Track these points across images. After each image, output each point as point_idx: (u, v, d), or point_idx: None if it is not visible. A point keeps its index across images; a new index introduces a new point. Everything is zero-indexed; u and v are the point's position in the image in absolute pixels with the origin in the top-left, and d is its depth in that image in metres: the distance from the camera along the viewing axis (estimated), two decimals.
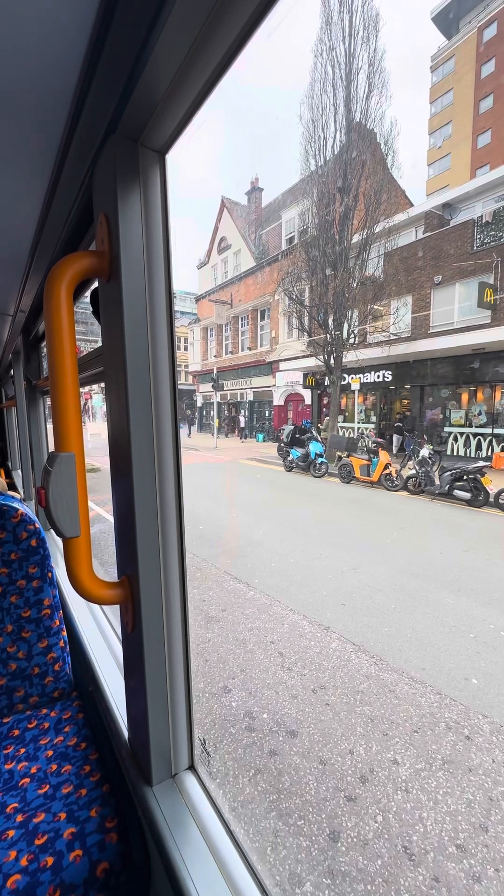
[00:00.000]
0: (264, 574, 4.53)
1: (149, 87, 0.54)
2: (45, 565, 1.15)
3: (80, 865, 0.76)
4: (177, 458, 0.77)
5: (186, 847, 0.69)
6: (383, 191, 12.58)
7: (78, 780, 0.92)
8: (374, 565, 4.80)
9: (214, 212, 24.91)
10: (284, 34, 68.14)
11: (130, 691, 0.86)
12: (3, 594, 1.11)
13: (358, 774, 2.04)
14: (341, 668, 2.90)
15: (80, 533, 0.67)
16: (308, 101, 12.94)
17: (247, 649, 3.10)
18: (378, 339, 14.14)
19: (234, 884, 0.64)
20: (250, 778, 2.01)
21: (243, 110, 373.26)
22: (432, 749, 2.21)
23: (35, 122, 0.67)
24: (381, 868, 1.62)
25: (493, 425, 12.54)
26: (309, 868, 1.63)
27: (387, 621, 3.54)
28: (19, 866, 0.74)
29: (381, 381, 15.12)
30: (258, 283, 21.08)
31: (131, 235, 0.67)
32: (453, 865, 1.64)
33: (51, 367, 0.66)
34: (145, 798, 0.78)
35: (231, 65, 0.52)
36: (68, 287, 0.66)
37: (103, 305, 0.76)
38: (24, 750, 1.01)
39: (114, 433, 0.76)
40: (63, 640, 1.19)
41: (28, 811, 0.85)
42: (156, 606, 0.76)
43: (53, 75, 0.58)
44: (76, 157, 0.74)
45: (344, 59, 12.37)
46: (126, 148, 0.64)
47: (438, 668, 2.90)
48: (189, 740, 0.84)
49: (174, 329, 0.74)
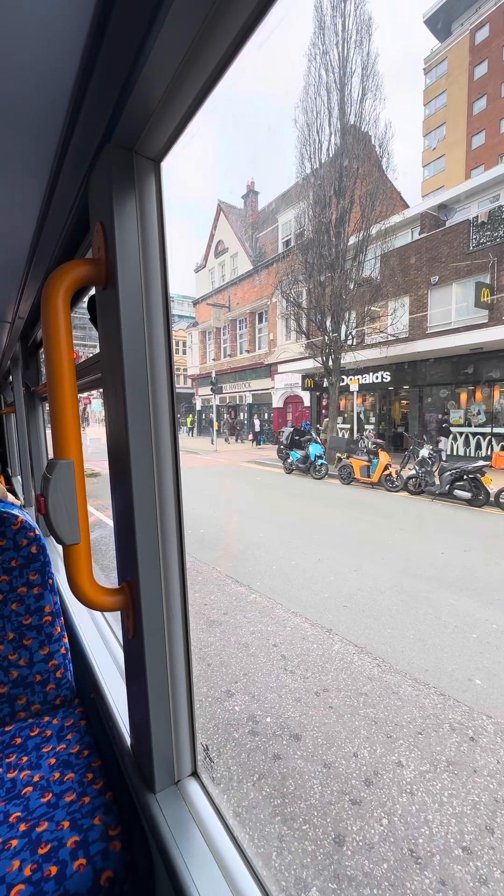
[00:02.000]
0: (265, 577, 4.52)
1: (143, 96, 0.54)
2: (45, 572, 1.15)
3: (83, 874, 0.75)
4: (175, 462, 0.77)
5: (190, 854, 0.68)
6: (379, 193, 12.65)
7: (81, 788, 0.91)
8: (375, 566, 4.80)
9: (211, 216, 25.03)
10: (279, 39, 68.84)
11: (132, 698, 0.85)
12: (4, 601, 1.11)
13: (362, 777, 2.03)
14: (344, 670, 2.89)
15: (80, 540, 0.67)
16: (302, 104, 13.05)
17: (249, 653, 3.10)
18: (376, 341, 14.18)
19: (238, 891, 0.63)
20: (254, 782, 2.00)
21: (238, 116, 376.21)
22: (437, 751, 2.20)
23: (31, 132, 0.67)
24: (388, 871, 1.61)
25: (492, 424, 12.56)
26: (315, 873, 1.62)
27: (389, 623, 3.53)
28: (23, 876, 0.74)
29: (380, 382, 15.15)
30: (255, 286, 21.15)
31: (127, 243, 0.67)
32: (459, 868, 1.63)
33: (49, 375, 0.66)
34: (148, 805, 0.78)
35: (226, 71, 0.52)
36: (65, 294, 0.66)
37: (100, 313, 0.76)
38: (26, 758, 1.00)
39: (112, 439, 0.76)
40: (64, 646, 1.19)
41: (31, 820, 0.84)
42: (156, 612, 0.76)
43: (48, 85, 0.58)
44: (72, 166, 0.74)
45: (338, 62, 12.47)
46: (121, 157, 0.65)
47: (441, 669, 2.89)
48: (192, 746, 0.84)
49: (171, 335, 0.74)
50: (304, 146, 13.11)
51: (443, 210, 14.63)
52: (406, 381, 14.62)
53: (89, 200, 0.75)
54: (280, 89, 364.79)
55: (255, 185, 23.91)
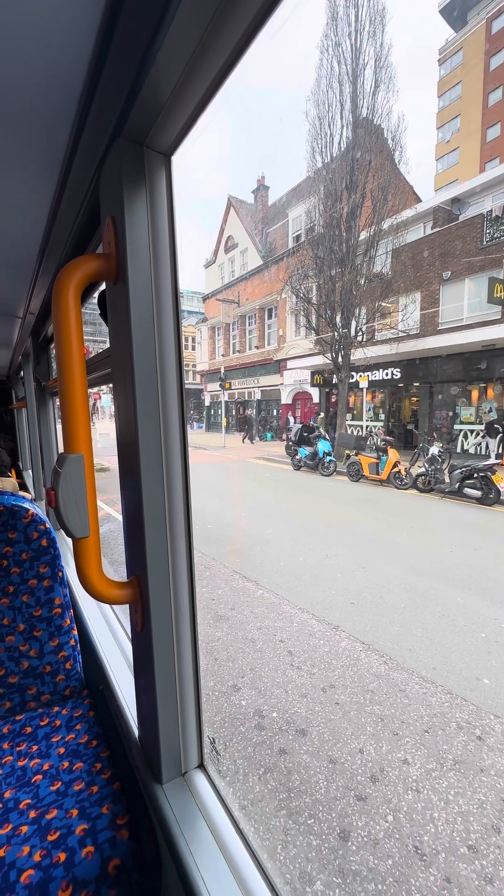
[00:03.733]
0: (273, 573, 4.53)
1: (154, 89, 0.54)
2: (55, 565, 1.16)
3: (92, 862, 0.77)
4: (184, 457, 0.77)
5: (197, 845, 0.69)
6: (390, 187, 12.48)
7: (89, 778, 0.93)
8: (383, 564, 4.78)
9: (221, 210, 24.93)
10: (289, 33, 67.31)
11: (140, 690, 0.86)
12: (15, 593, 1.12)
13: (368, 774, 2.03)
14: (351, 667, 2.89)
15: (90, 533, 0.68)
16: (314, 97, 12.89)
17: (256, 648, 3.11)
18: (386, 337, 14.04)
19: (243, 882, 0.64)
20: (260, 776, 2.02)
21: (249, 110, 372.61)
22: (443, 749, 2.19)
23: (42, 128, 0.68)
24: (392, 868, 1.62)
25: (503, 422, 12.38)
26: (319, 867, 1.63)
27: (396, 620, 3.52)
28: (32, 861, 0.75)
29: (390, 379, 15.02)
30: (265, 281, 21.05)
31: (138, 238, 0.67)
32: (465, 866, 1.62)
33: (59, 369, 0.66)
34: (156, 796, 0.79)
35: (236, 65, 0.52)
36: (76, 289, 0.66)
37: (111, 307, 0.76)
38: (36, 747, 1.02)
39: (122, 434, 0.76)
40: (74, 638, 1.20)
41: (41, 807, 0.86)
42: (165, 606, 0.77)
43: (59, 80, 0.58)
44: (83, 160, 0.74)
45: (350, 54, 12.29)
46: (132, 151, 0.65)
47: (449, 667, 2.88)
48: (199, 739, 0.84)
49: (181, 330, 0.74)
50: (316, 140, 12.97)
51: (456, 204, 14.37)
52: (416, 377, 14.46)
53: (100, 195, 0.75)
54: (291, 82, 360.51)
55: (265, 180, 23.74)
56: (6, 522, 1.10)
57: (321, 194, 13.12)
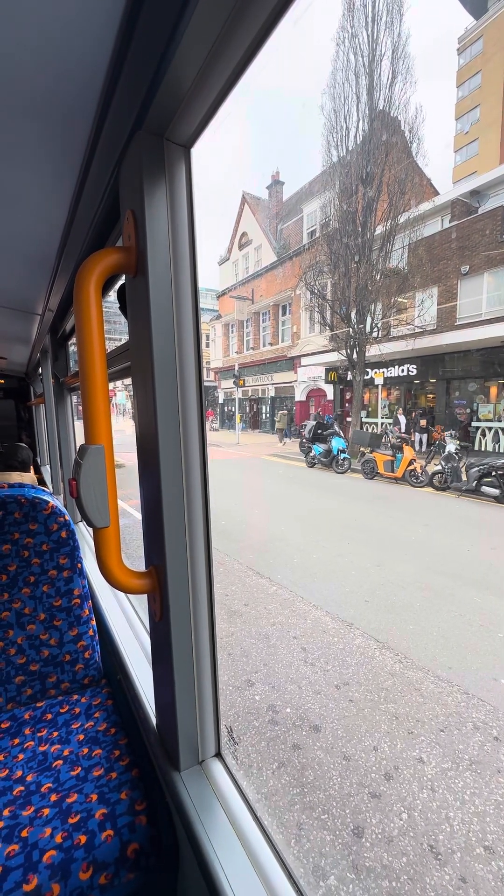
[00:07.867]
0: (286, 569, 4.53)
1: (174, 81, 0.54)
2: (74, 556, 1.18)
3: (111, 845, 0.78)
4: (203, 451, 0.78)
5: (214, 831, 0.70)
6: (408, 180, 12.27)
7: (108, 764, 0.95)
8: (398, 562, 4.73)
9: (235, 207, 24.87)
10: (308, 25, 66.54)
11: (158, 679, 0.87)
12: (36, 583, 1.15)
13: (382, 771, 2.03)
14: (365, 664, 2.87)
15: (111, 523, 0.69)
16: (330, 90, 12.74)
17: (269, 644, 3.12)
18: (402, 333, 13.83)
19: (261, 868, 0.65)
20: (273, 771, 2.03)
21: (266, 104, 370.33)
22: (459, 749, 2.17)
23: (63, 122, 0.69)
24: (407, 865, 1.61)
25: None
26: (333, 862, 1.63)
27: (412, 619, 3.48)
28: (54, 843, 0.77)
29: (406, 376, 14.81)
30: (279, 278, 20.94)
31: (158, 230, 0.67)
32: (481, 867, 1.61)
33: (81, 362, 0.67)
34: (173, 783, 0.80)
35: (254, 58, 0.52)
36: (97, 283, 0.67)
37: (130, 300, 0.77)
38: (56, 733, 1.04)
39: (141, 427, 0.77)
40: (92, 628, 1.23)
41: (62, 791, 0.88)
42: (183, 596, 0.78)
43: (81, 74, 0.59)
44: (103, 153, 0.75)
45: (367, 45, 12.09)
46: (152, 143, 0.65)
47: (465, 667, 2.84)
48: (216, 728, 0.85)
49: (200, 322, 0.75)
50: (331, 133, 12.83)
51: (475, 196, 14.04)
52: (433, 374, 14.23)
53: (120, 188, 0.76)
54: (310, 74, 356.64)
55: (279, 176, 23.61)
56: (27, 514, 1.12)
57: (337, 188, 12.97)
